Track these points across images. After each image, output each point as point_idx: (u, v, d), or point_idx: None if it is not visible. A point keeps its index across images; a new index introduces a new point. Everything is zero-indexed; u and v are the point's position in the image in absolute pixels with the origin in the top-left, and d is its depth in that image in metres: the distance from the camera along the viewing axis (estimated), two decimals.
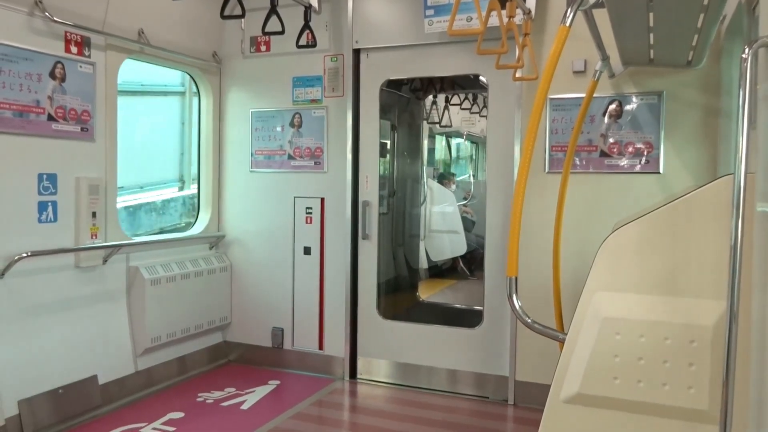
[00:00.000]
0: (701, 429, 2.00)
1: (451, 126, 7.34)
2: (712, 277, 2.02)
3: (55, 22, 3.63)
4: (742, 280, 1.82)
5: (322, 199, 4.77)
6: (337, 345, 4.75)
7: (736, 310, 1.81)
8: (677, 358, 2.02)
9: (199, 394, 4.31)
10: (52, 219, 3.71)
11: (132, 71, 5.52)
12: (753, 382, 1.91)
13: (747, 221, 1.86)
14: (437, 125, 7.29)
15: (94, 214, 3.91)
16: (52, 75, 3.66)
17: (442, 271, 7.64)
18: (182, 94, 6.88)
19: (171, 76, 6.52)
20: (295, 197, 4.85)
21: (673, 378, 2.03)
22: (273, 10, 4.00)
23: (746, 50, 1.75)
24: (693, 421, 2.02)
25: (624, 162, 3.89)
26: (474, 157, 9.42)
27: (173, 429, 3.72)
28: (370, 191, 4.67)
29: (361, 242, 4.70)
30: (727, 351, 1.80)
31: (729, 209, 1.90)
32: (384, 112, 4.93)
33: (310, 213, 4.80)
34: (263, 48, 4.90)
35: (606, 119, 3.93)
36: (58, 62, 3.69)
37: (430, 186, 7.33)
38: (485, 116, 4.65)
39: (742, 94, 1.77)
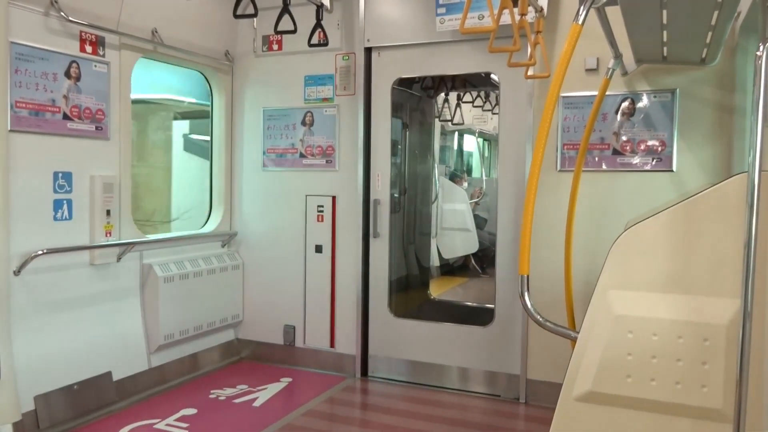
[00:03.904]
0: (714, 428, 2.00)
1: (463, 124, 7.33)
2: (725, 276, 2.01)
3: (71, 21, 3.67)
4: (757, 278, 1.81)
5: (334, 198, 4.78)
6: (348, 343, 4.76)
7: (750, 308, 1.80)
8: (690, 357, 2.02)
9: (212, 391, 4.34)
10: (67, 217, 3.75)
11: None
12: (767, 381, 1.90)
13: (761, 219, 1.85)
14: (449, 123, 7.29)
15: (108, 212, 3.95)
16: (68, 74, 3.69)
17: (453, 268, 7.65)
18: None
19: None
20: (306, 195, 4.87)
21: (686, 377, 2.02)
22: (285, 9, 4.01)
23: (761, 47, 1.74)
24: (706, 420, 2.01)
25: (637, 160, 3.87)
26: (486, 154, 9.41)
27: (186, 425, 3.75)
28: (381, 189, 4.68)
29: (372, 240, 4.71)
30: (740, 349, 1.80)
31: (743, 207, 1.89)
32: (395, 110, 4.93)
33: (322, 211, 4.82)
34: (275, 47, 4.92)
35: (619, 117, 3.91)
36: (74, 62, 3.72)
37: (442, 184, 7.33)
38: (497, 114, 4.64)
39: (757, 91, 1.76)
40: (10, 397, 3.30)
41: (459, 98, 7.07)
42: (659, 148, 3.82)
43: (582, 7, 2.26)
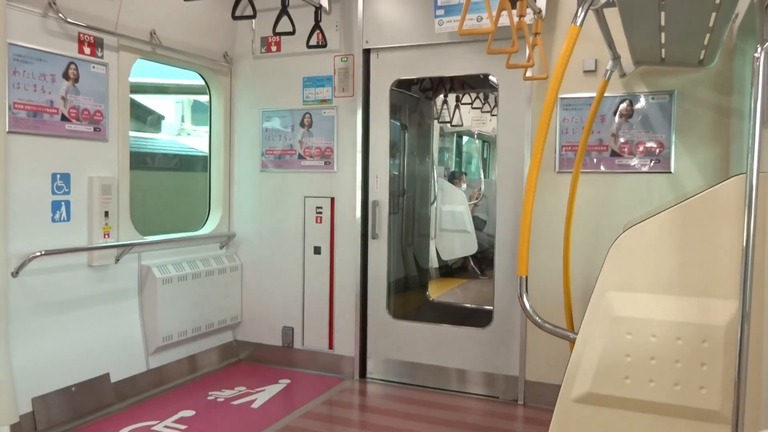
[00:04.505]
0: (713, 429, 2.00)
1: (462, 125, 7.34)
2: (724, 277, 2.01)
3: (69, 23, 3.67)
4: (755, 279, 1.81)
5: (332, 199, 4.78)
6: (346, 344, 4.76)
7: (748, 309, 1.81)
8: (689, 358, 2.02)
9: (210, 393, 4.33)
10: (66, 218, 3.74)
11: None
12: (765, 383, 1.90)
13: (759, 220, 1.85)
14: (448, 124, 7.30)
15: (106, 214, 3.94)
16: (66, 76, 3.69)
17: (452, 270, 7.65)
18: None
19: None
20: (305, 197, 4.86)
21: (684, 378, 2.02)
22: (284, 11, 4.01)
23: (759, 49, 1.75)
24: (705, 422, 2.01)
25: (635, 161, 3.88)
26: (485, 156, 9.43)
27: (185, 427, 3.75)
28: (380, 191, 4.68)
29: (371, 242, 4.70)
30: (739, 351, 1.80)
31: (741, 209, 1.89)
32: (394, 111, 4.93)
33: (320, 213, 4.82)
34: (274, 48, 4.92)
35: (617, 119, 3.91)
36: (72, 63, 3.72)
37: (441, 185, 7.33)
38: (496, 115, 4.64)
39: (755, 93, 1.77)
40: (7, 399, 3.29)
41: (458, 100, 7.08)
42: (657, 150, 3.82)
43: (580, 9, 2.27)
